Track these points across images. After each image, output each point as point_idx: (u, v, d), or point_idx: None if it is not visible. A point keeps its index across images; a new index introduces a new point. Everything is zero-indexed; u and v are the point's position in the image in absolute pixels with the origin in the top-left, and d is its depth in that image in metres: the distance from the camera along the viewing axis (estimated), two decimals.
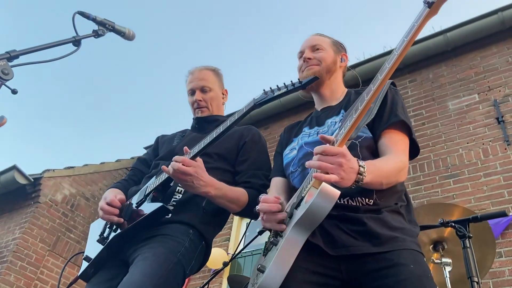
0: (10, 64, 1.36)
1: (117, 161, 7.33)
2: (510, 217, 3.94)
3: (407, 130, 1.46)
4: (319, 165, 1.14)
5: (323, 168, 1.13)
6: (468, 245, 1.72)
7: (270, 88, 1.51)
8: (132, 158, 7.60)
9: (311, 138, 1.57)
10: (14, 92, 1.38)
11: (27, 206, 6.01)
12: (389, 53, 5.90)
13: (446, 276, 2.14)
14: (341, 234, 1.28)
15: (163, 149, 2.08)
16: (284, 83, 1.47)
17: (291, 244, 1.20)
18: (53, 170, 6.21)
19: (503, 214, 1.75)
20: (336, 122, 1.53)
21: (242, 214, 1.81)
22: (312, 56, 1.68)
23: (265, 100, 1.49)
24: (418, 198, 4.63)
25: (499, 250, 3.87)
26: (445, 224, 1.77)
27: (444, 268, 2.16)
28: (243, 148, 1.92)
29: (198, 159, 1.62)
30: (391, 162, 1.32)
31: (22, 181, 5.93)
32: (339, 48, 1.78)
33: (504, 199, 4.14)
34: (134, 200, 1.77)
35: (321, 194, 1.12)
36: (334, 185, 1.14)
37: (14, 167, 5.90)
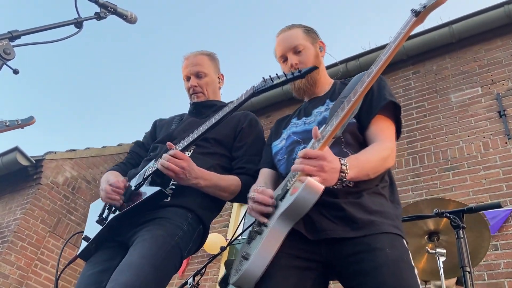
0: (12, 44, 1.37)
1: (118, 145, 7.36)
2: (508, 211, 3.97)
3: (393, 112, 1.50)
4: (302, 168, 1.20)
5: (306, 171, 1.20)
6: (461, 236, 1.74)
7: (270, 76, 1.51)
8: (134, 142, 7.62)
9: (299, 128, 1.61)
10: (15, 72, 1.40)
11: (29, 187, 6.06)
12: None
13: (440, 266, 2.17)
14: (321, 220, 1.32)
15: (161, 133, 2.09)
16: (284, 72, 1.47)
17: (275, 234, 1.24)
18: (55, 152, 6.25)
19: (497, 205, 1.76)
20: (321, 112, 1.57)
21: (236, 200, 1.84)
22: (297, 60, 1.67)
23: (264, 88, 1.50)
24: (416, 190, 4.65)
25: (495, 243, 3.90)
26: (439, 215, 1.79)
27: (438, 258, 2.18)
28: (240, 134, 1.94)
29: (184, 155, 1.63)
30: (376, 152, 1.37)
31: (24, 162, 5.97)
32: (313, 37, 1.76)
33: (503, 192, 4.15)
34: (133, 183, 1.79)
35: (306, 188, 1.17)
36: None
37: (16, 149, 5.94)
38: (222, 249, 2.61)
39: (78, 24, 1.59)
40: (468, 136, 4.73)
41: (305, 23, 1.84)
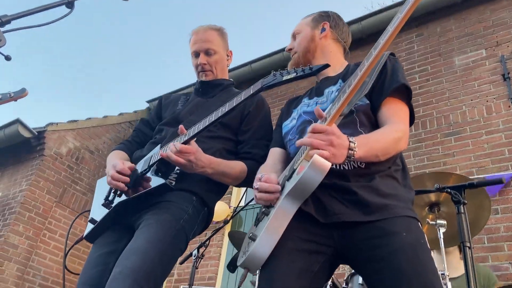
0: (2, 30, 1.33)
1: (119, 115, 7.33)
2: (509, 175, 3.98)
3: (407, 96, 1.45)
4: (310, 142, 1.16)
5: (314, 145, 1.16)
6: (462, 211, 1.74)
7: (280, 70, 1.49)
8: (135, 112, 7.60)
9: (310, 108, 1.57)
10: (7, 58, 1.36)
11: (33, 159, 6.10)
12: (398, 5, 5.71)
13: (440, 237, 2.19)
14: (332, 202, 1.29)
15: (167, 113, 2.06)
16: (294, 68, 1.45)
17: (282, 214, 1.23)
18: (57, 123, 6.24)
19: (499, 181, 1.76)
20: (333, 91, 1.53)
21: (242, 185, 1.85)
22: (291, 45, 1.75)
23: (273, 83, 1.47)
24: (418, 155, 4.66)
25: (495, 207, 3.94)
26: (440, 189, 1.79)
27: (439, 229, 2.21)
28: (247, 117, 1.91)
29: (193, 143, 1.62)
30: (388, 133, 1.32)
31: (26, 134, 5.98)
32: (318, 20, 1.76)
33: (504, 157, 4.15)
34: (139, 167, 1.79)
35: (312, 166, 1.14)
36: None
37: (17, 121, 5.93)
38: (226, 222, 2.65)
39: (70, 4, 1.54)
40: (471, 100, 4.69)
41: None
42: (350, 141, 1.18)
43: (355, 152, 1.18)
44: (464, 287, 2.84)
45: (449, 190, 1.79)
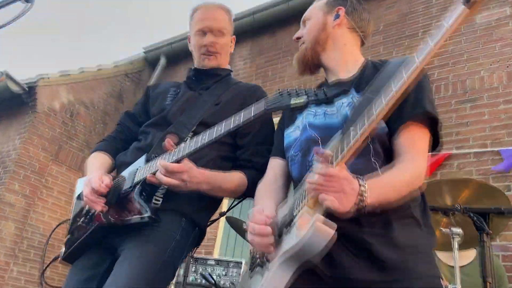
0: None
1: (115, 66, 6.97)
2: None
3: (430, 121, 1.24)
4: (317, 189, 1.02)
5: (320, 191, 1.01)
6: (485, 240, 1.54)
7: (287, 90, 1.22)
8: (131, 62, 7.23)
9: (318, 120, 1.35)
10: None
11: (25, 115, 5.87)
12: None
13: (454, 247, 1.98)
14: (342, 254, 1.13)
15: (154, 107, 1.83)
16: (305, 90, 1.18)
17: (279, 276, 1.10)
18: (48, 77, 5.93)
19: None
20: (344, 105, 1.31)
21: (242, 197, 1.67)
22: (300, 34, 1.54)
23: (278, 107, 1.21)
24: None
25: (508, 183, 3.75)
26: (463, 211, 1.58)
27: (453, 238, 1.99)
28: None
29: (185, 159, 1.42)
30: (403, 173, 1.15)
31: (15, 88, 5.69)
32: (333, 4, 1.50)
33: None
34: (121, 183, 1.58)
35: (314, 232, 1.01)
36: (330, 215, 1.02)
37: (5, 74, 5.62)
38: (221, 214, 2.49)
39: None
40: (491, 64, 4.33)
41: None
42: (360, 185, 1.03)
43: (365, 198, 1.02)
44: (473, 275, 2.73)
45: (471, 215, 1.57)
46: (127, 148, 1.80)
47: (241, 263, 3.68)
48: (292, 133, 1.42)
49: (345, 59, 1.45)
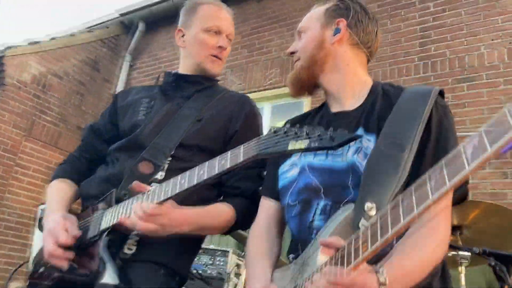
0: None
1: (89, 31, 6.47)
2: None
3: None
4: None
5: None
6: None
7: (284, 129, 0.95)
8: (107, 27, 6.72)
9: (319, 161, 1.15)
10: None
11: None
12: None
13: (461, 273, 1.82)
14: None
15: (124, 122, 1.58)
16: (307, 132, 0.91)
17: None
18: (16, 47, 5.46)
19: None
20: (351, 146, 1.10)
21: (230, 232, 1.47)
22: (294, 48, 1.33)
23: (272, 152, 0.95)
24: None
25: (505, 170, 3.61)
26: (482, 255, 1.40)
27: (461, 263, 1.82)
28: (233, 138, 1.47)
29: (163, 209, 1.20)
30: (427, 247, 0.98)
31: None
32: (333, 14, 1.27)
33: None
34: (85, 229, 1.35)
35: None
36: None
37: None
38: None
39: None
40: (492, 40, 4.06)
41: None
42: (381, 283, 0.85)
43: None
44: (476, 278, 2.63)
45: (493, 264, 1.38)
46: (92, 169, 1.58)
47: (228, 252, 3.58)
48: (288, 174, 1.23)
49: (348, 81, 1.24)
